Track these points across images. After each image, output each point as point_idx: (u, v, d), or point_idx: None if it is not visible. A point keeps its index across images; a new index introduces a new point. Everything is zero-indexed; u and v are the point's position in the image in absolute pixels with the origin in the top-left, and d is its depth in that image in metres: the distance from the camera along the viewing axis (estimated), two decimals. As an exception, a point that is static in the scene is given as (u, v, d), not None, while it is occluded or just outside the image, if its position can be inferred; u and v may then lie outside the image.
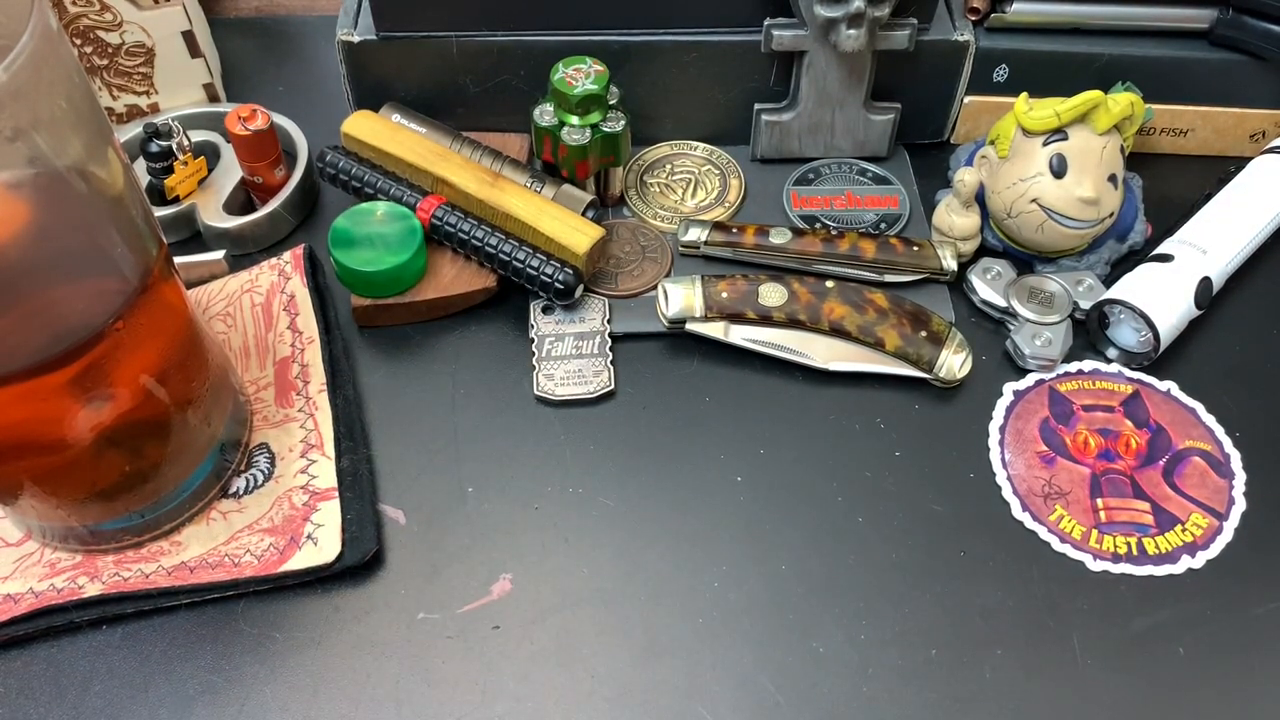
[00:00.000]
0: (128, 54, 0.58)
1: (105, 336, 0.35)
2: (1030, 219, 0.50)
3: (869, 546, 0.44)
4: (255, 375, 0.48)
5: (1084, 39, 0.56)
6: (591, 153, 0.53)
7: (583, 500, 0.45)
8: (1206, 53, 0.56)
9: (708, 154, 0.59)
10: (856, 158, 0.59)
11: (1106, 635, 0.41)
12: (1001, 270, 0.52)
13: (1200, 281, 0.50)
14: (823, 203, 0.57)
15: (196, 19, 0.60)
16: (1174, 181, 0.58)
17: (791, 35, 0.54)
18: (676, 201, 0.57)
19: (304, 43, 0.68)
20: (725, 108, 0.58)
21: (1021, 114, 0.50)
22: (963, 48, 0.56)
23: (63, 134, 0.31)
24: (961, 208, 0.52)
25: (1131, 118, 0.50)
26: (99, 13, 0.56)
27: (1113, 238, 0.53)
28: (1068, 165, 0.49)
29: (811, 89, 0.56)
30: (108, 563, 0.41)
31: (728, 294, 0.50)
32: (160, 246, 0.38)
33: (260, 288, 0.51)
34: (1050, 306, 0.51)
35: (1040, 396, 0.49)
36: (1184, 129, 0.59)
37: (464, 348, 0.51)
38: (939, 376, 0.48)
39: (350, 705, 0.39)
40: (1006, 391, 0.49)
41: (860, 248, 0.52)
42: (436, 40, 0.55)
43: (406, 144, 0.54)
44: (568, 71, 0.52)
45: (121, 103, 0.60)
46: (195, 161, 0.54)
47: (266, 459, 0.45)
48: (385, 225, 0.50)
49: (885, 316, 0.49)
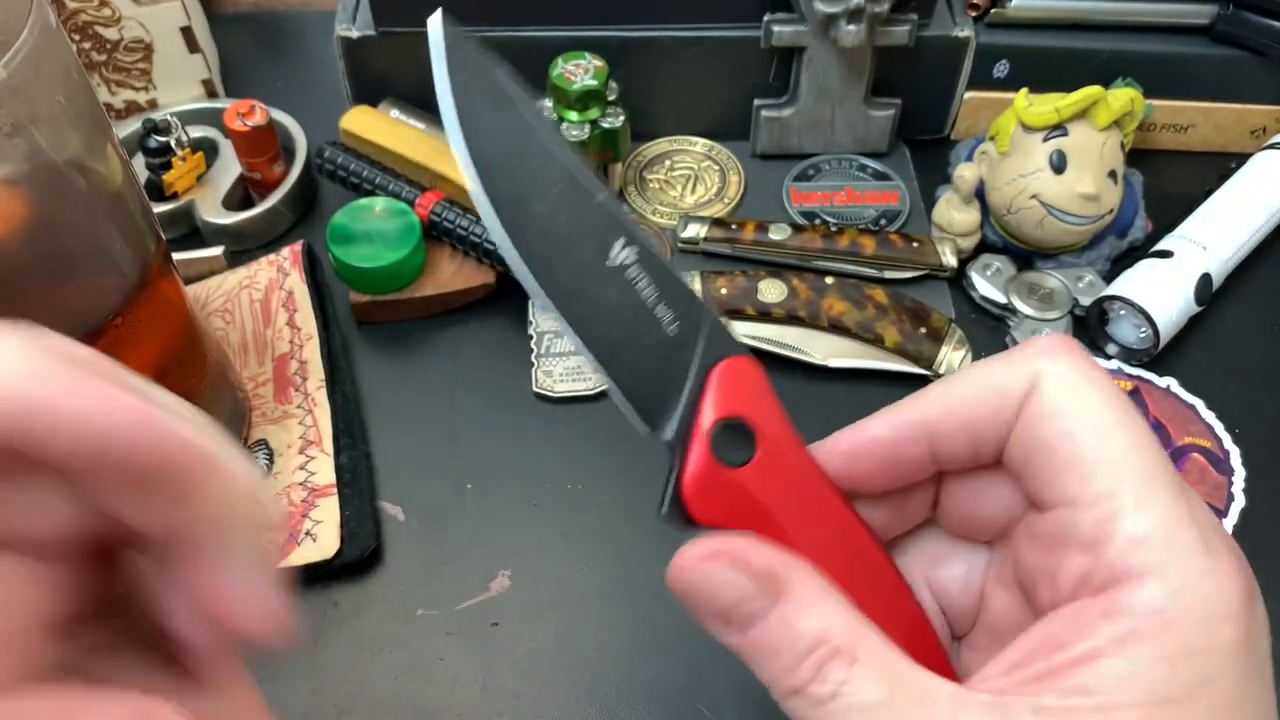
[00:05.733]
0: (126, 49, 0.58)
1: (104, 333, 0.35)
2: (1030, 215, 0.50)
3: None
4: (254, 371, 0.48)
5: (1084, 34, 0.56)
6: (590, 148, 0.52)
7: (582, 497, 0.45)
8: (1207, 48, 0.56)
9: (707, 150, 0.59)
10: (856, 153, 0.59)
11: (1106, 631, 0.41)
12: (1001, 266, 0.52)
13: (1200, 278, 0.49)
14: (822, 198, 0.57)
15: (195, 14, 0.60)
16: (1174, 177, 0.58)
17: (791, 30, 0.54)
18: (676, 197, 0.57)
19: (302, 38, 0.67)
20: (725, 103, 0.58)
21: (1022, 110, 0.50)
22: (963, 43, 0.56)
23: (61, 130, 0.31)
24: (961, 204, 0.52)
25: (1132, 113, 0.50)
26: (98, 8, 0.56)
27: (1113, 234, 0.53)
28: (1068, 161, 0.49)
29: (811, 85, 0.56)
30: (107, 559, 0.41)
31: (727, 290, 0.50)
32: (159, 242, 0.38)
33: (259, 284, 0.51)
34: (1050, 303, 0.51)
35: (1040, 393, 0.49)
36: (1184, 125, 0.59)
37: (463, 344, 0.51)
38: (939, 373, 0.48)
39: (349, 701, 0.39)
40: (1006, 388, 0.49)
41: (860, 244, 0.52)
42: (435, 36, 0.54)
43: (405, 139, 0.54)
44: (567, 67, 0.52)
45: (120, 98, 0.60)
46: (194, 157, 0.54)
47: (265, 455, 0.45)
48: (384, 221, 0.50)
49: (885, 313, 0.49)
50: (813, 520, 0.25)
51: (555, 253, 0.24)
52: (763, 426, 0.24)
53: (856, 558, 0.25)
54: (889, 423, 0.25)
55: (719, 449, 0.24)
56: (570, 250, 0.24)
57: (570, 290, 0.24)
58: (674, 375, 0.24)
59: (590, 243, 0.24)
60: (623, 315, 0.24)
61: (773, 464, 0.24)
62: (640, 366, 0.24)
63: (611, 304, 0.24)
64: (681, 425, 0.24)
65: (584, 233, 0.24)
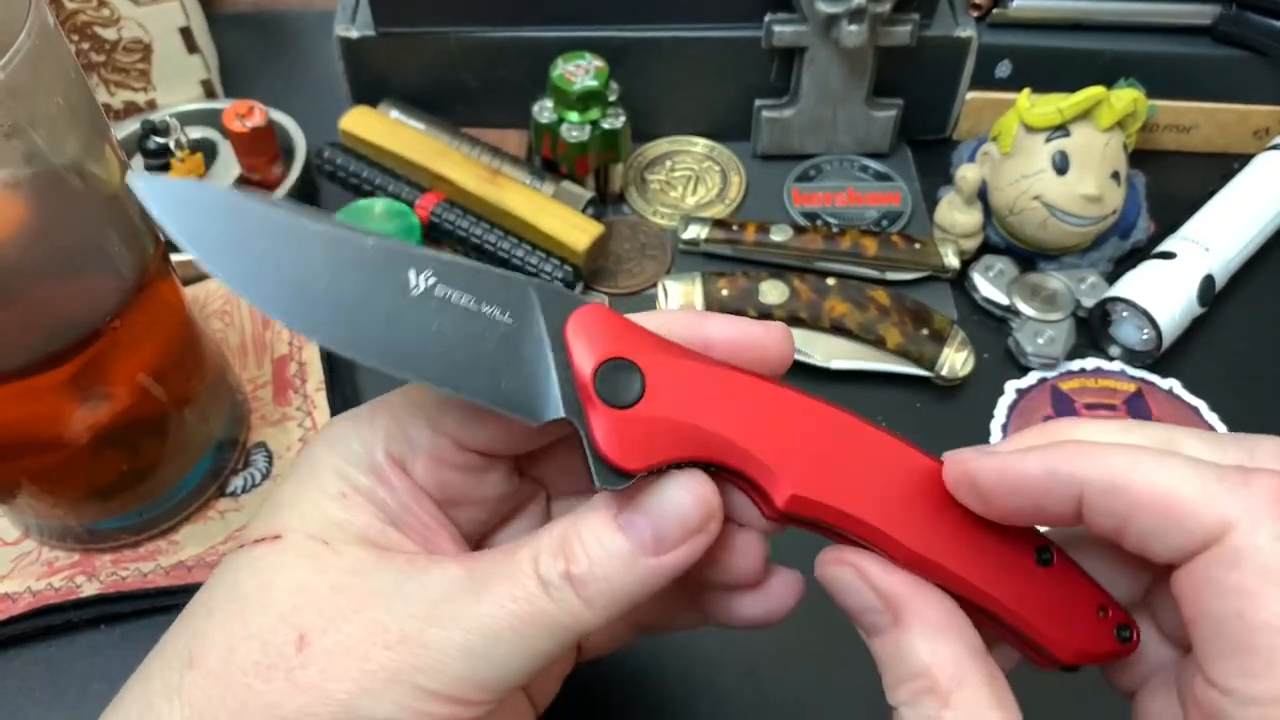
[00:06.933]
0: (125, 50, 0.58)
1: (102, 335, 0.34)
2: (1033, 216, 0.50)
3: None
4: (253, 374, 0.48)
5: (1087, 35, 0.56)
6: (591, 149, 0.52)
7: (583, 499, 0.45)
8: (1210, 49, 0.56)
9: (708, 150, 0.59)
10: (858, 154, 0.59)
11: (1109, 635, 0.41)
12: (1004, 268, 0.52)
13: (1203, 279, 0.49)
14: (824, 199, 0.57)
15: (194, 15, 0.60)
16: (1177, 178, 0.58)
17: (792, 31, 0.53)
18: (677, 198, 0.57)
19: (302, 39, 0.67)
20: (726, 104, 0.58)
21: (1024, 110, 0.50)
22: (965, 44, 0.56)
23: (60, 131, 0.31)
24: (964, 204, 0.52)
25: (1134, 114, 0.50)
26: (96, 9, 0.56)
27: (1115, 235, 0.53)
28: (1070, 162, 0.49)
29: (813, 85, 0.56)
30: (105, 562, 0.41)
31: (728, 291, 0.49)
32: (157, 244, 0.37)
33: (258, 285, 0.50)
34: (1052, 304, 0.50)
35: (1043, 395, 0.49)
36: (1187, 125, 0.59)
37: (463, 345, 0.50)
38: (941, 375, 0.48)
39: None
40: (1009, 390, 0.49)
41: (862, 245, 0.52)
42: (435, 36, 0.54)
43: (405, 140, 0.53)
44: (567, 67, 0.51)
45: (119, 99, 0.60)
46: (193, 158, 0.54)
47: (264, 458, 0.45)
48: (384, 222, 0.50)
49: (887, 314, 0.49)
50: (739, 397, 0.25)
51: (360, 316, 0.23)
52: (637, 355, 0.24)
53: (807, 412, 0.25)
54: (1044, 466, 0.23)
55: (610, 397, 0.24)
56: (371, 305, 0.23)
57: (392, 340, 0.23)
58: (533, 358, 0.24)
59: (386, 287, 0.23)
60: (454, 335, 0.24)
61: (667, 380, 0.24)
62: (498, 370, 0.24)
63: (438, 330, 0.24)
64: (566, 397, 0.24)
65: (373, 281, 0.23)
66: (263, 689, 0.23)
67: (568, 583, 0.24)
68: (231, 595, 0.25)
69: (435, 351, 0.23)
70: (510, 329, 0.24)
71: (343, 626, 0.23)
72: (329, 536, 0.25)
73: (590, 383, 0.24)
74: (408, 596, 0.24)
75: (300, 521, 0.25)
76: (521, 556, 0.24)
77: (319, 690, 0.23)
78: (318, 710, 0.23)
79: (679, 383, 0.24)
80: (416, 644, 0.23)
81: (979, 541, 0.25)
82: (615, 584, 0.24)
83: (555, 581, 0.24)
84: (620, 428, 0.24)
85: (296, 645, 0.23)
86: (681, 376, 0.24)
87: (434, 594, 0.24)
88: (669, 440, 0.24)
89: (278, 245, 0.23)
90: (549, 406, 0.24)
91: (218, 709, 0.23)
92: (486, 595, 0.24)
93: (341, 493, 0.26)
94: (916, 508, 0.25)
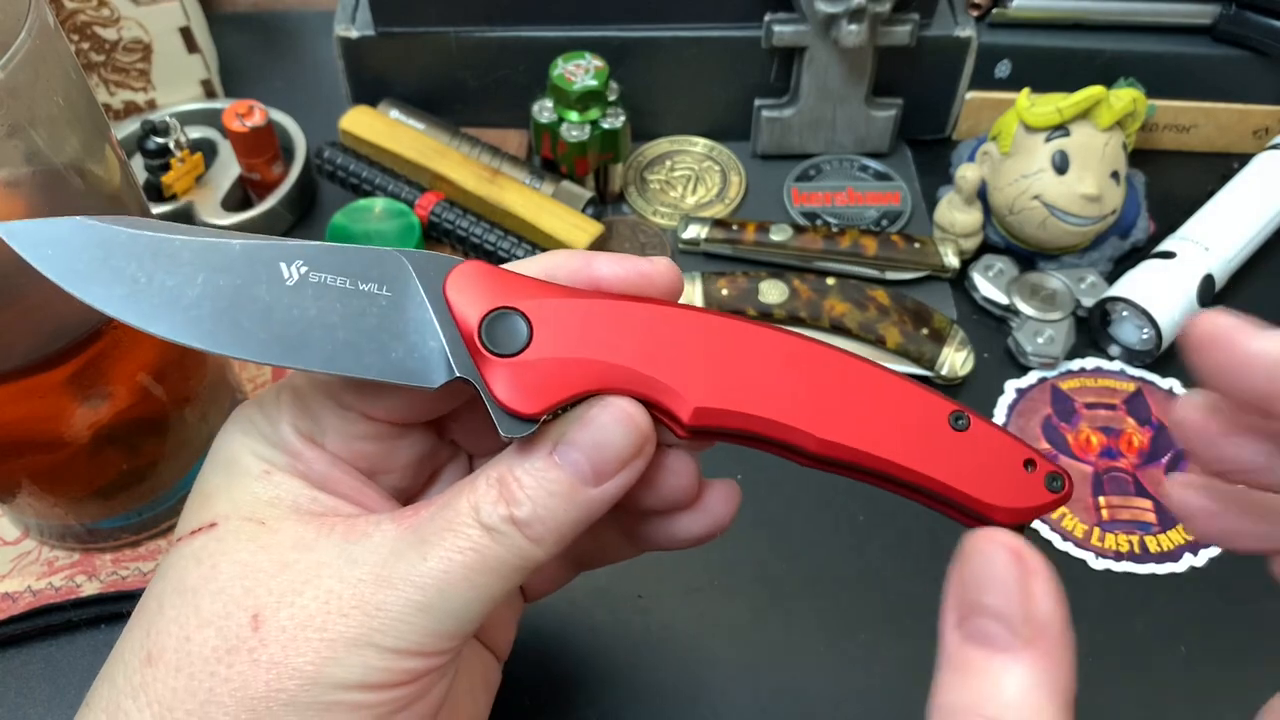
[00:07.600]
0: (125, 50, 0.58)
1: (102, 334, 0.34)
2: (1032, 215, 0.50)
3: (868, 543, 0.44)
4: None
5: (1086, 34, 0.56)
6: (591, 149, 0.52)
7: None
8: (1209, 48, 0.56)
9: (708, 150, 0.59)
10: (858, 154, 0.59)
11: (1108, 634, 0.41)
12: (1003, 267, 0.52)
13: (1203, 279, 0.49)
14: (824, 199, 0.57)
15: (194, 14, 0.60)
16: (1176, 178, 0.58)
17: (792, 31, 0.53)
18: (677, 198, 0.57)
19: (302, 38, 0.67)
20: (725, 104, 0.58)
21: (1024, 110, 0.50)
22: (964, 43, 0.56)
23: (60, 131, 0.31)
24: (963, 204, 0.52)
25: (1134, 114, 0.50)
26: (96, 8, 0.56)
27: (1115, 234, 0.53)
28: (1070, 161, 0.49)
29: (812, 85, 0.56)
30: (105, 561, 0.41)
31: (728, 291, 0.49)
32: (157, 244, 0.37)
33: (258, 285, 0.50)
34: (1052, 304, 0.50)
35: (1042, 394, 0.49)
36: (1187, 125, 0.59)
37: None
38: (940, 374, 0.48)
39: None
40: (1008, 389, 0.49)
41: (861, 244, 0.52)
42: (435, 35, 0.54)
43: (405, 140, 0.53)
44: (567, 67, 0.51)
45: (118, 99, 0.60)
46: (192, 158, 0.54)
47: (265, 457, 0.45)
48: (383, 222, 0.50)
49: (886, 314, 0.49)
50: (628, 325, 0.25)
51: (239, 316, 0.24)
52: (519, 301, 0.24)
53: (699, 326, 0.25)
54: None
55: (498, 347, 0.24)
56: (247, 302, 0.24)
57: (275, 332, 0.24)
58: (418, 325, 0.25)
59: (260, 282, 0.24)
60: (335, 316, 0.24)
61: (553, 321, 0.24)
62: (385, 343, 0.24)
63: (318, 314, 0.24)
64: (457, 356, 0.24)
65: (246, 279, 0.24)
66: (227, 673, 0.23)
67: (513, 525, 0.24)
68: (179, 587, 0.25)
69: (319, 335, 0.24)
70: (390, 301, 0.25)
71: (295, 600, 0.24)
72: (263, 516, 0.25)
73: (476, 336, 0.24)
74: (355, 562, 0.24)
75: (232, 506, 0.26)
76: (460, 506, 0.24)
77: (284, 666, 0.23)
78: (286, 685, 0.23)
79: (565, 321, 0.25)
80: (371, 607, 0.24)
81: (889, 419, 0.25)
82: (560, 519, 0.24)
83: (500, 527, 0.24)
84: (513, 375, 0.24)
85: (252, 626, 0.24)
86: (566, 315, 0.25)
87: (379, 556, 0.24)
88: (563, 379, 0.24)
89: (148, 265, 0.24)
90: (441, 369, 0.24)
91: (185, 700, 0.23)
92: (432, 550, 0.24)
93: (265, 470, 0.26)
94: (821, 396, 0.25)
